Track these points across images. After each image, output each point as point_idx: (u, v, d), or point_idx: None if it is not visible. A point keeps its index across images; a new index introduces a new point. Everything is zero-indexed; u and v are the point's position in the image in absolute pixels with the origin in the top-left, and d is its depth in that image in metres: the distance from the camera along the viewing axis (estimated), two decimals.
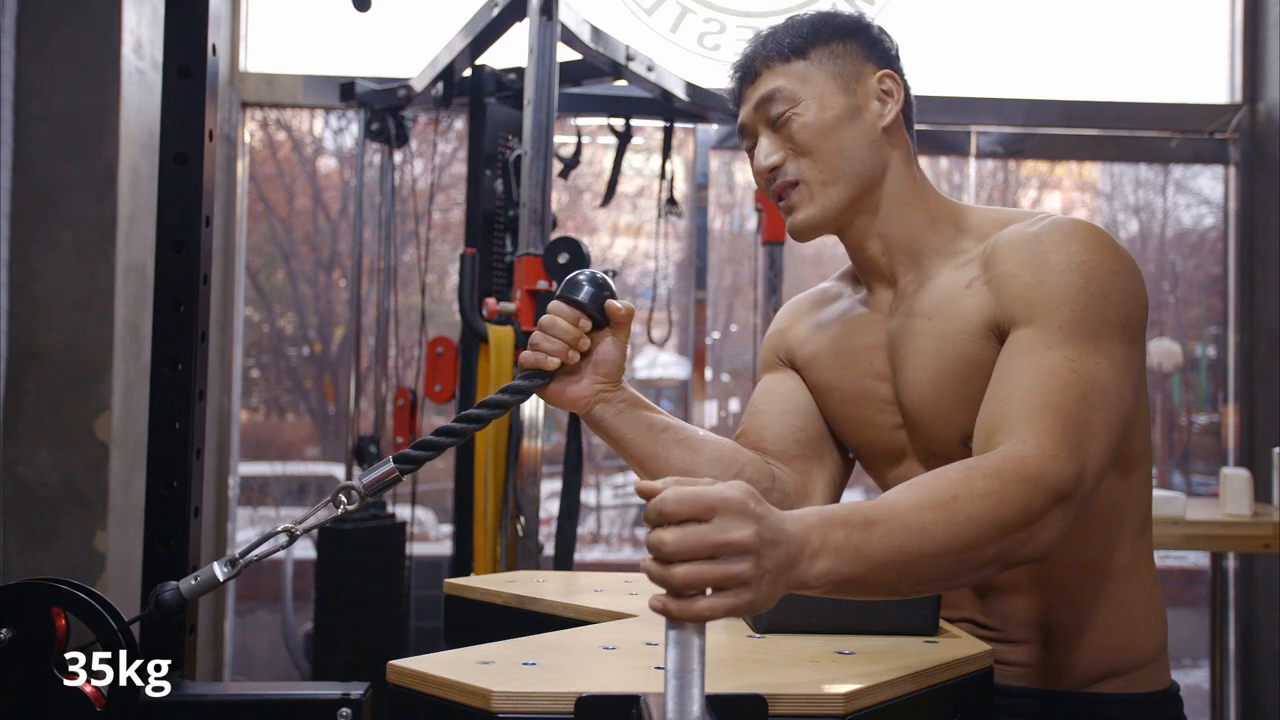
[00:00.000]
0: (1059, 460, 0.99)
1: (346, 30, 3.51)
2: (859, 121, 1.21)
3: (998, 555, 0.96)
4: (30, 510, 2.80)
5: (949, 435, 1.19)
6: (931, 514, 0.92)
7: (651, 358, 4.90)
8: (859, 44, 1.24)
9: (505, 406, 1.12)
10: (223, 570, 0.96)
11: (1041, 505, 0.96)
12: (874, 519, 0.89)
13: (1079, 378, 1.04)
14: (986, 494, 0.94)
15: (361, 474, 1.05)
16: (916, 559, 0.90)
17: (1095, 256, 1.10)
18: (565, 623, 1.18)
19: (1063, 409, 1.02)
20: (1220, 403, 3.92)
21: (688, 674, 0.70)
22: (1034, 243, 1.13)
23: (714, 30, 3.59)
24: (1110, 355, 1.07)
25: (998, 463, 0.98)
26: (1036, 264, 1.11)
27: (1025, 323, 1.10)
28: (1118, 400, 1.06)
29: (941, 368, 1.17)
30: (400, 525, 3.11)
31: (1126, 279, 1.11)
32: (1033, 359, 1.06)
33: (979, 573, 0.97)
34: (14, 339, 2.80)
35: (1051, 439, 1.00)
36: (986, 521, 0.93)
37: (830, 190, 1.21)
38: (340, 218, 4.98)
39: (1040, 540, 0.97)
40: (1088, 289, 1.08)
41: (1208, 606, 3.45)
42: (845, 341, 1.29)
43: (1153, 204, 4.82)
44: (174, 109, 1.01)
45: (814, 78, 1.22)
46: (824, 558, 0.84)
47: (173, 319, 1.00)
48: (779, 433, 1.31)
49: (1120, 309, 1.09)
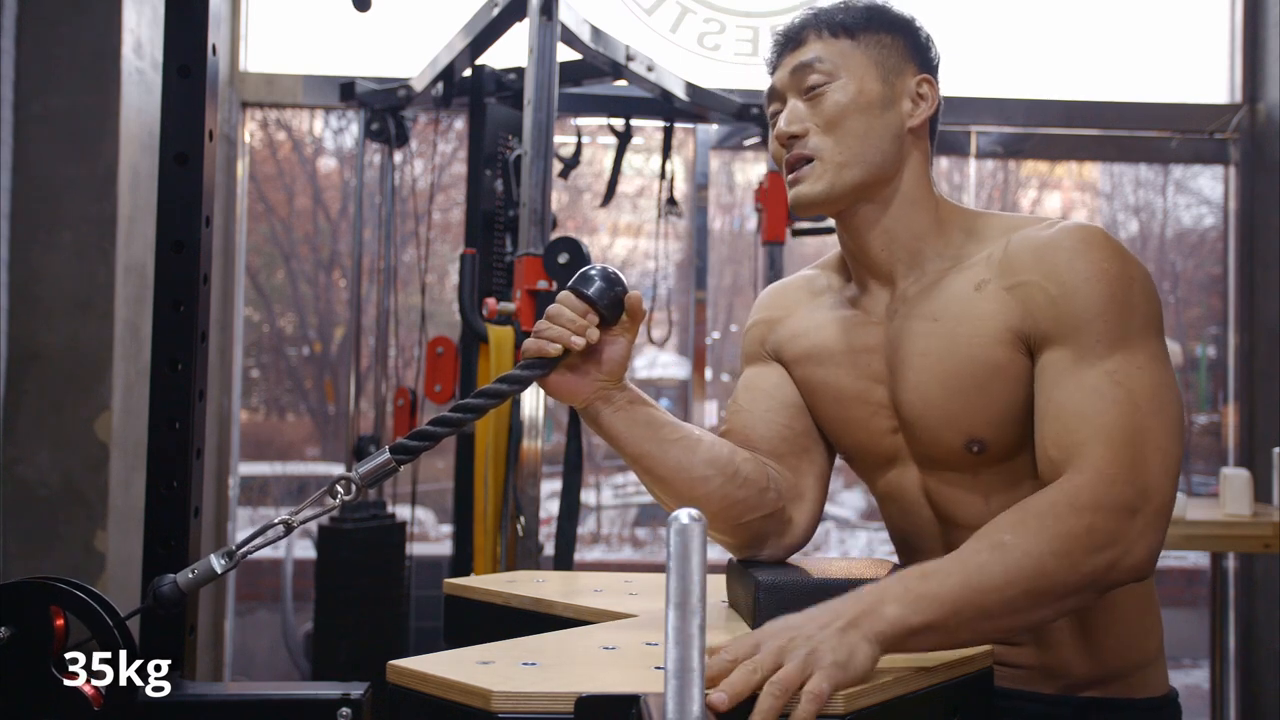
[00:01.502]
0: (1117, 481, 1.00)
1: (346, 30, 3.51)
2: (889, 113, 1.21)
3: (1080, 583, 0.98)
4: (30, 510, 2.80)
5: (953, 440, 1.18)
6: (987, 555, 0.96)
7: (651, 358, 4.90)
8: (906, 42, 1.24)
9: (503, 396, 1.10)
10: (220, 562, 0.96)
11: (1108, 527, 0.99)
12: (929, 570, 0.95)
13: (1125, 390, 1.05)
14: (1039, 530, 0.98)
15: (358, 464, 1.04)
16: (984, 595, 0.94)
17: (1116, 265, 1.10)
18: (565, 623, 1.18)
19: (1114, 426, 1.03)
20: (1220, 403, 3.92)
21: (688, 674, 0.70)
22: (1052, 251, 1.12)
23: (714, 30, 3.59)
24: (1150, 355, 1.08)
25: (1052, 497, 1.01)
26: (1060, 274, 1.11)
27: (1058, 341, 1.10)
28: (1168, 397, 1.07)
29: (950, 370, 1.16)
30: (400, 525, 3.11)
31: (1145, 282, 1.12)
32: (1076, 382, 1.07)
33: (1065, 601, 1.00)
34: (14, 339, 2.80)
35: (1106, 461, 1.02)
36: (1047, 553, 0.96)
37: (845, 171, 1.20)
38: (340, 218, 4.98)
39: (1130, 559, 1.00)
40: (1115, 298, 1.09)
41: (1208, 606, 3.45)
42: (840, 341, 1.27)
43: (1153, 204, 4.82)
44: (174, 109, 1.01)
45: (857, 59, 1.22)
46: (889, 605, 0.91)
47: (173, 319, 1.00)
48: (765, 433, 1.29)
49: (1147, 311, 1.10)
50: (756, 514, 1.20)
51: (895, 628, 0.90)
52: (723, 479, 1.18)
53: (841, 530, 5.87)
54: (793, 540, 1.25)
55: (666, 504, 1.20)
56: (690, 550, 0.67)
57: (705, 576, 0.67)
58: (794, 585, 1.07)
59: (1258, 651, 3.53)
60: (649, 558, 5.48)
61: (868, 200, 1.23)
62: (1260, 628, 3.52)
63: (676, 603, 0.67)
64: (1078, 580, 0.98)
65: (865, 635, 0.88)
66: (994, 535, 0.98)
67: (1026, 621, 0.99)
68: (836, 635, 0.87)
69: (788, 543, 1.25)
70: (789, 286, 1.38)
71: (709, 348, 3.83)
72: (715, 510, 1.18)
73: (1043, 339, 1.12)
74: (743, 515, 1.20)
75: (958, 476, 1.20)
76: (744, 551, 1.23)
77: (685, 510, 0.67)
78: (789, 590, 1.06)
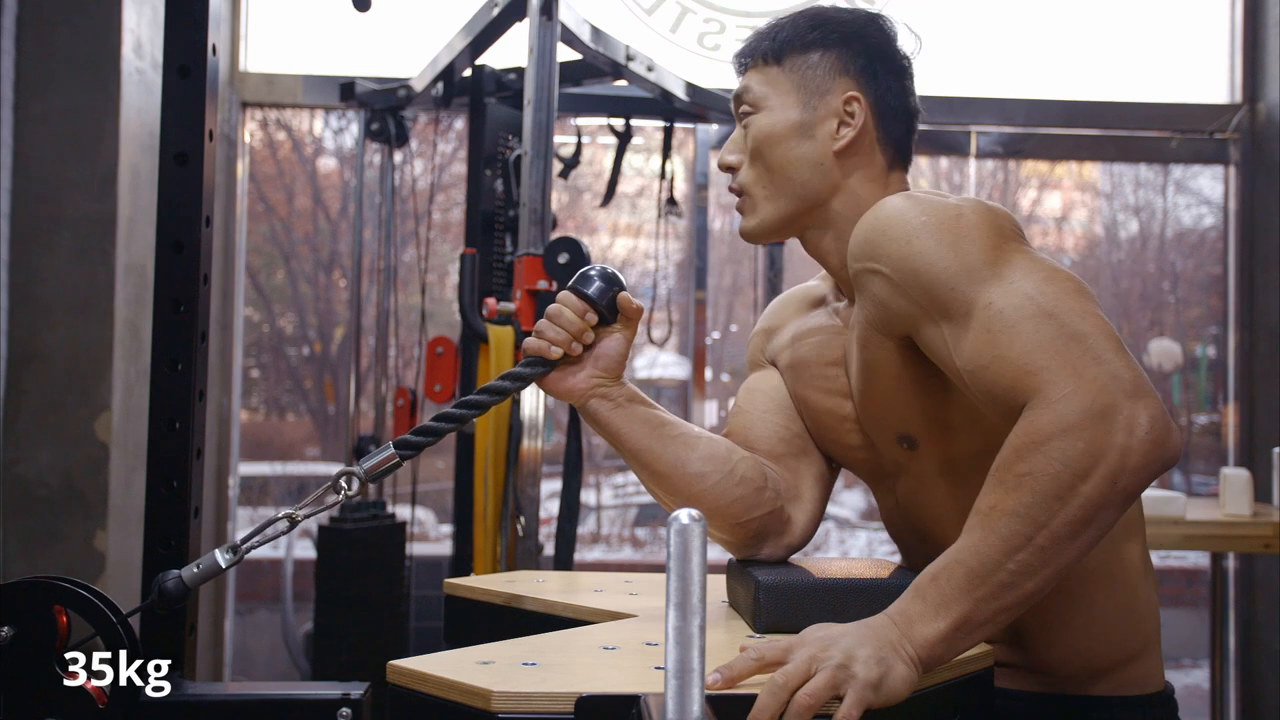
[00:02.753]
0: (1066, 396, 0.91)
1: (346, 30, 3.51)
2: (808, 140, 1.19)
3: (1085, 513, 0.90)
4: (30, 510, 2.81)
5: (888, 438, 1.19)
6: (978, 533, 0.93)
7: (651, 358, 4.90)
8: (842, 56, 1.20)
9: (505, 393, 1.12)
10: (224, 557, 0.96)
11: (1082, 446, 0.89)
12: (937, 571, 0.94)
13: (1016, 311, 0.97)
14: (1015, 484, 0.91)
15: (362, 459, 1.05)
16: (990, 573, 0.91)
17: (930, 214, 1.04)
18: (565, 623, 1.18)
19: (1030, 348, 0.95)
20: (1220, 403, 3.93)
21: (688, 674, 0.70)
22: (870, 231, 1.08)
23: (714, 30, 3.59)
24: (1016, 266, 1.01)
25: (1014, 443, 0.93)
26: (883, 250, 1.06)
27: (924, 316, 1.04)
28: (1058, 287, 0.98)
29: (864, 374, 1.17)
30: (400, 525, 3.11)
31: (971, 212, 1.05)
32: (970, 339, 1.00)
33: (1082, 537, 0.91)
34: (14, 339, 2.80)
35: (1046, 384, 0.93)
36: (1030, 503, 0.90)
37: (769, 205, 1.22)
38: (340, 218, 4.98)
39: (1134, 458, 0.89)
40: (943, 241, 1.02)
41: (1208, 606, 3.45)
42: (815, 355, 1.28)
43: (1153, 204, 4.82)
44: (174, 109, 1.01)
45: (782, 86, 1.21)
46: (916, 624, 0.91)
47: (173, 319, 1.00)
48: (763, 433, 1.30)
49: (986, 232, 1.03)
50: (754, 513, 1.20)
51: (930, 642, 0.90)
52: (720, 476, 1.19)
53: (841, 530, 5.87)
54: (792, 540, 1.25)
55: (664, 501, 1.21)
56: (690, 550, 0.67)
57: (705, 576, 0.68)
58: (794, 585, 1.07)
59: (1258, 651, 3.53)
60: (649, 558, 5.48)
61: (810, 225, 1.23)
62: (1260, 628, 3.52)
63: (676, 603, 0.67)
64: (1079, 513, 0.89)
65: (902, 657, 0.88)
66: (981, 506, 0.93)
67: (1056, 572, 0.91)
68: (873, 654, 0.87)
69: (787, 542, 1.25)
70: (790, 297, 1.40)
71: (709, 348, 3.83)
72: (712, 508, 1.18)
73: (906, 321, 1.07)
74: (741, 514, 1.20)
75: (910, 479, 1.22)
76: (743, 551, 1.24)
77: (685, 510, 0.67)
78: (789, 590, 1.06)
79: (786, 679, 0.84)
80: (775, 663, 0.87)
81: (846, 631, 0.90)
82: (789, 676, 0.84)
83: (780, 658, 0.86)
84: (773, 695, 0.83)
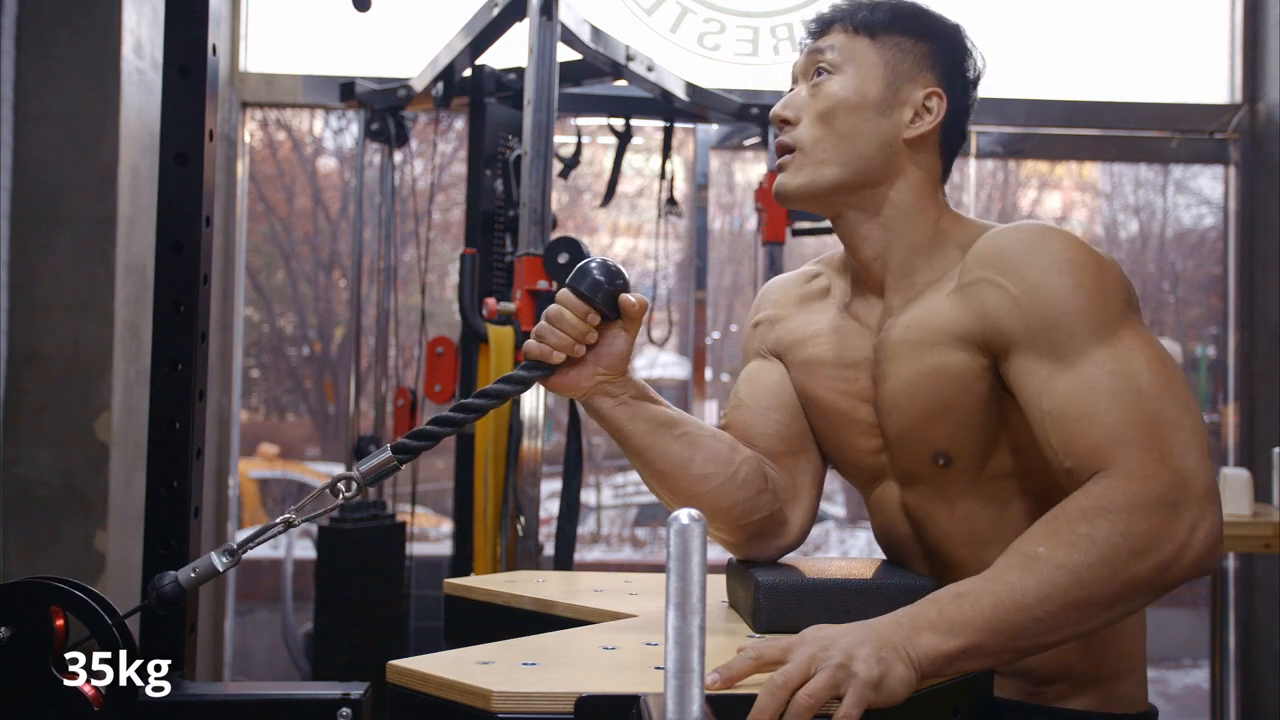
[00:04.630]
0: (1148, 478, 0.95)
1: (346, 30, 3.51)
2: (882, 120, 1.18)
3: (1126, 590, 0.93)
4: (30, 510, 2.80)
5: (923, 453, 1.17)
6: (1018, 572, 0.93)
7: (651, 358, 4.90)
8: (931, 51, 1.20)
9: (504, 397, 1.09)
10: (221, 560, 0.96)
11: (1149, 529, 0.93)
12: (963, 591, 0.93)
13: (1123, 379, 1.00)
14: (1073, 541, 0.93)
15: (359, 463, 1.04)
16: (1018, 614, 0.92)
17: (1079, 252, 1.06)
18: (565, 623, 1.18)
19: (1126, 421, 0.98)
20: (1220, 403, 3.93)
21: (687, 674, 0.70)
22: (1007, 248, 1.08)
23: (714, 30, 3.59)
24: (1136, 336, 1.03)
25: (1083, 503, 0.95)
26: (1019, 271, 1.06)
27: (1029, 344, 1.05)
28: (1169, 372, 1.01)
29: (916, 381, 1.14)
30: (400, 525, 3.11)
31: (1112, 265, 1.07)
32: (1067, 384, 1.02)
33: (1114, 610, 0.95)
34: (14, 339, 2.80)
35: (1130, 459, 0.96)
36: (1083, 563, 0.92)
37: (826, 168, 1.18)
38: (340, 218, 4.98)
39: (1190, 555, 0.94)
40: (1083, 286, 1.04)
41: (1208, 606, 3.45)
42: (831, 353, 1.25)
43: (1153, 204, 4.82)
44: (174, 109, 1.01)
45: (868, 58, 1.19)
46: (925, 633, 0.90)
47: (173, 319, 1.00)
48: (765, 430, 1.28)
49: (1121, 292, 1.06)
50: (753, 516, 1.20)
51: (932, 655, 0.90)
52: (722, 479, 1.18)
53: (841, 530, 5.87)
54: (788, 541, 1.25)
55: (665, 499, 1.20)
56: (690, 550, 0.67)
57: (705, 576, 0.67)
58: (794, 585, 1.07)
59: (1258, 651, 3.53)
60: (649, 558, 5.48)
61: (855, 206, 1.20)
62: (1260, 628, 3.52)
63: (676, 603, 0.67)
64: (1122, 588, 0.93)
65: (901, 658, 0.88)
66: (1027, 548, 0.95)
67: (1077, 633, 0.95)
68: (872, 654, 0.86)
69: (783, 543, 1.24)
70: (786, 286, 1.36)
71: (709, 348, 3.83)
72: (713, 509, 1.17)
73: (1008, 342, 1.07)
74: (740, 517, 1.19)
75: (929, 490, 1.20)
76: (741, 550, 1.23)
77: (685, 510, 0.67)
78: (789, 590, 1.06)
79: (786, 679, 0.83)
80: (775, 662, 0.86)
81: (846, 631, 0.89)
82: (789, 676, 0.84)
83: (780, 657, 0.86)
84: (772, 695, 0.82)
